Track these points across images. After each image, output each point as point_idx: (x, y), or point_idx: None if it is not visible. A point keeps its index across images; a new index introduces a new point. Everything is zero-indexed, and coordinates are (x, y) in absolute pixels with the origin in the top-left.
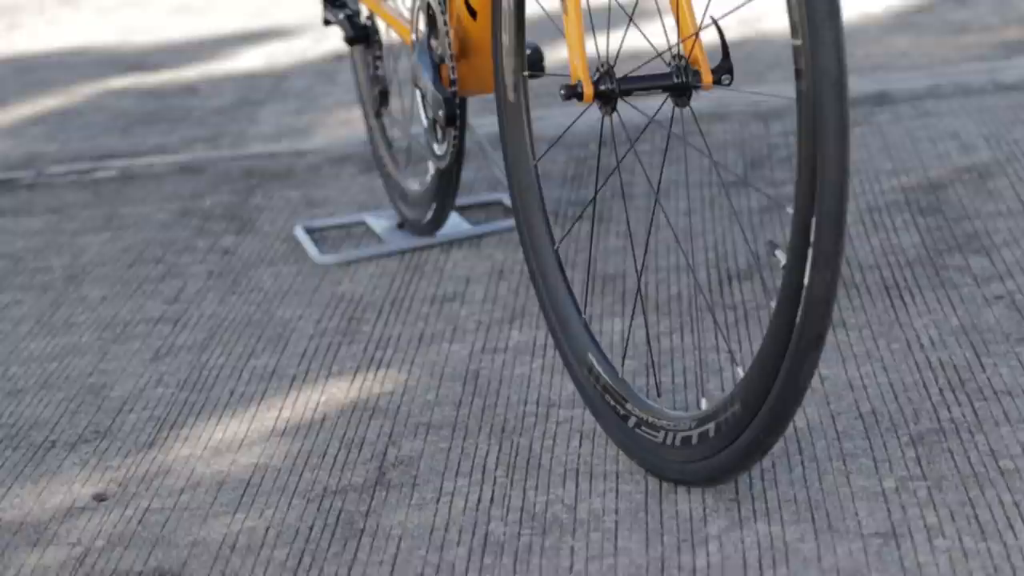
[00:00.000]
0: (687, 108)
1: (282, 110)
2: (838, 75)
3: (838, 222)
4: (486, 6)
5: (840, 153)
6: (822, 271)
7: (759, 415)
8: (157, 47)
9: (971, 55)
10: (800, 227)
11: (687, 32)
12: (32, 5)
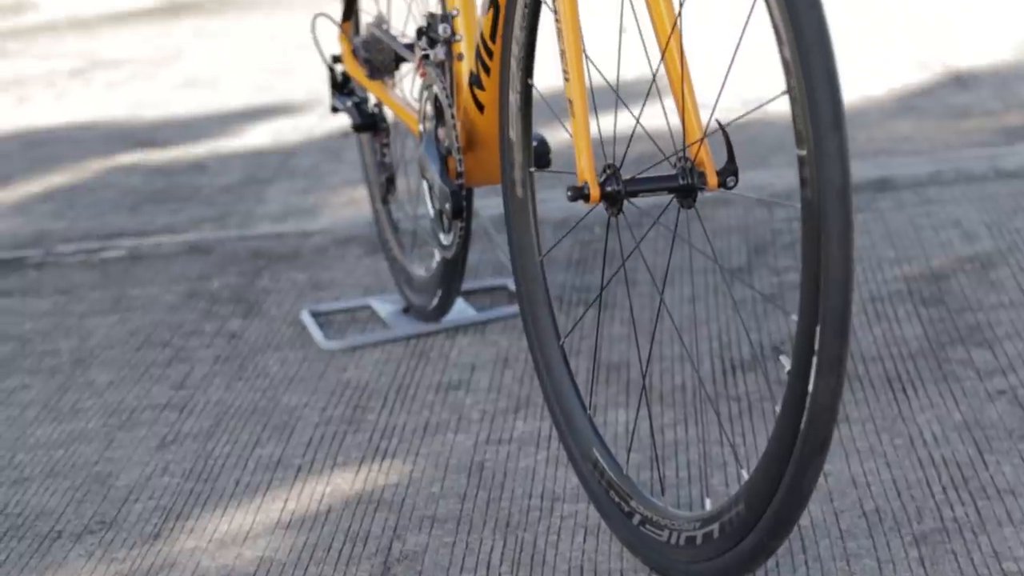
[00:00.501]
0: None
1: (289, 189)
2: (843, 186)
3: (842, 330)
4: (493, 101)
5: (844, 262)
6: (827, 378)
7: (763, 518)
8: (166, 122)
9: (973, 140)
10: (804, 334)
11: (693, 134)
12: (42, 78)
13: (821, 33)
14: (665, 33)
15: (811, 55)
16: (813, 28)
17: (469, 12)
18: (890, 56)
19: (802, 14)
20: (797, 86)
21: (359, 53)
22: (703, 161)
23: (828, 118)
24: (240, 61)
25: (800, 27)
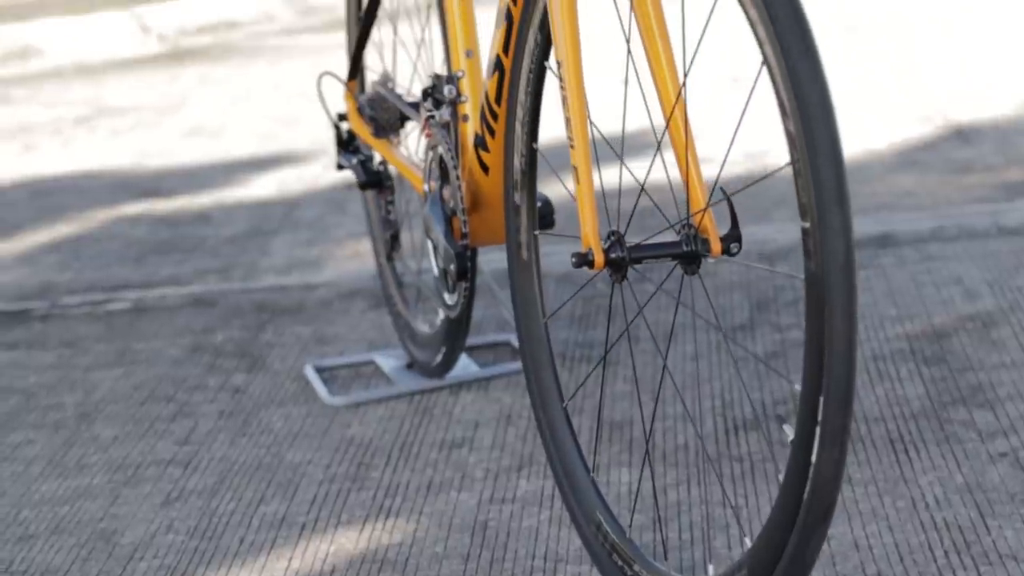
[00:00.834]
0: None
1: (293, 240)
2: (846, 260)
3: (846, 402)
4: (498, 163)
5: (848, 335)
6: (830, 450)
7: None
8: (170, 171)
9: (974, 196)
10: (808, 405)
11: (697, 202)
12: (48, 125)
13: (825, 108)
14: (669, 102)
15: (815, 130)
16: (817, 102)
17: (474, 73)
18: (892, 109)
19: (806, 88)
20: (801, 160)
21: (364, 111)
22: (707, 228)
23: (832, 193)
24: (245, 110)
25: (804, 101)
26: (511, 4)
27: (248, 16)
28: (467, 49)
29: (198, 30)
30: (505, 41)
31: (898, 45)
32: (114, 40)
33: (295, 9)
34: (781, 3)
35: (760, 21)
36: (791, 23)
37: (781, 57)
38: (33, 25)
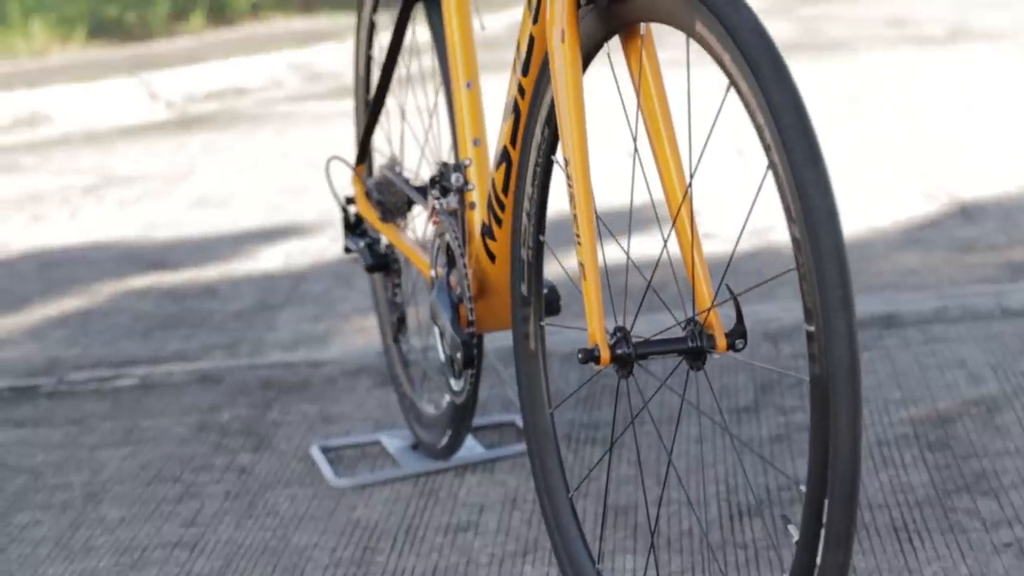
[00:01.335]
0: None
1: (300, 315)
2: (851, 363)
3: (851, 505)
4: (504, 252)
5: (852, 439)
6: (834, 552)
7: None
8: (178, 243)
9: (978, 276)
10: (812, 506)
11: (702, 300)
12: (56, 194)
13: (830, 215)
14: (676, 201)
15: (820, 237)
16: (822, 210)
17: (482, 162)
18: (896, 186)
19: (812, 196)
20: (806, 264)
21: (372, 195)
22: (712, 324)
23: (837, 298)
24: (252, 179)
25: (810, 209)
26: (518, 97)
27: (255, 83)
28: (475, 138)
29: (206, 96)
30: (512, 133)
31: (901, 117)
32: (122, 107)
33: (302, 76)
34: (787, 110)
35: (766, 126)
36: (797, 130)
37: (787, 164)
38: (42, 92)
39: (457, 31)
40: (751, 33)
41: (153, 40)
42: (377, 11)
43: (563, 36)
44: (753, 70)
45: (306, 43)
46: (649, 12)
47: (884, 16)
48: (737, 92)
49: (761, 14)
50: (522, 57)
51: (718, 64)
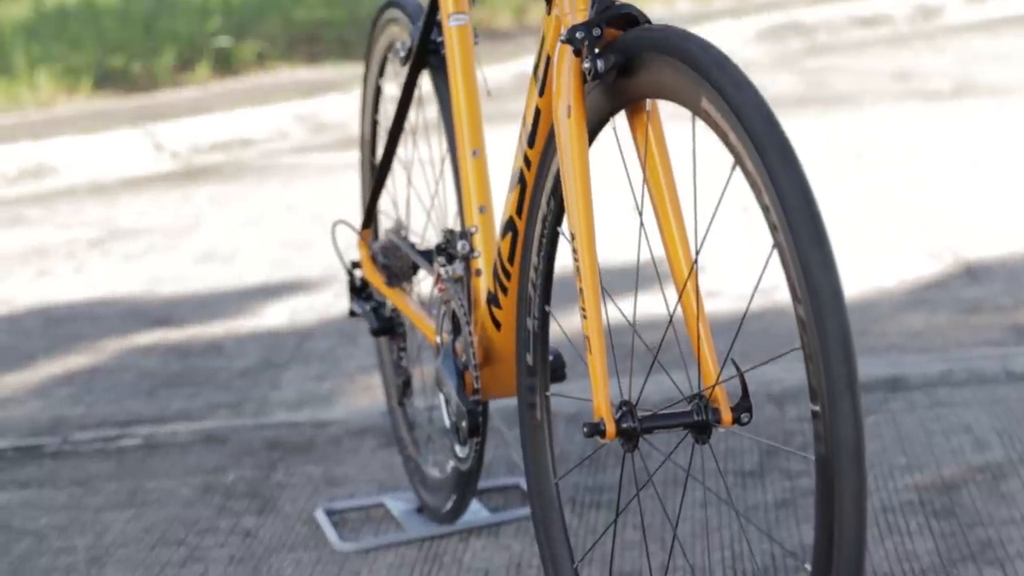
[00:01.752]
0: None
1: (305, 374)
2: (856, 444)
3: None
4: (510, 320)
5: (858, 520)
6: None
7: None
8: (183, 298)
9: (983, 338)
10: None
11: (708, 374)
12: (62, 247)
13: (835, 296)
14: (682, 276)
15: (826, 318)
16: (828, 291)
17: (487, 229)
18: (901, 244)
19: (817, 277)
20: (811, 345)
21: (377, 259)
22: (718, 398)
23: (842, 379)
24: (257, 233)
25: (815, 290)
26: (524, 168)
27: (261, 134)
28: (480, 205)
29: (211, 147)
30: (518, 204)
31: (906, 173)
32: (128, 158)
33: (307, 127)
34: (793, 191)
35: (772, 207)
36: (802, 212)
37: (793, 245)
38: (47, 143)
39: (463, 99)
40: (756, 112)
41: (159, 90)
42: (383, 76)
43: (569, 111)
44: (759, 150)
45: (311, 93)
46: (654, 88)
47: (890, 69)
48: (742, 170)
49: (766, 66)
50: (528, 128)
51: (723, 142)
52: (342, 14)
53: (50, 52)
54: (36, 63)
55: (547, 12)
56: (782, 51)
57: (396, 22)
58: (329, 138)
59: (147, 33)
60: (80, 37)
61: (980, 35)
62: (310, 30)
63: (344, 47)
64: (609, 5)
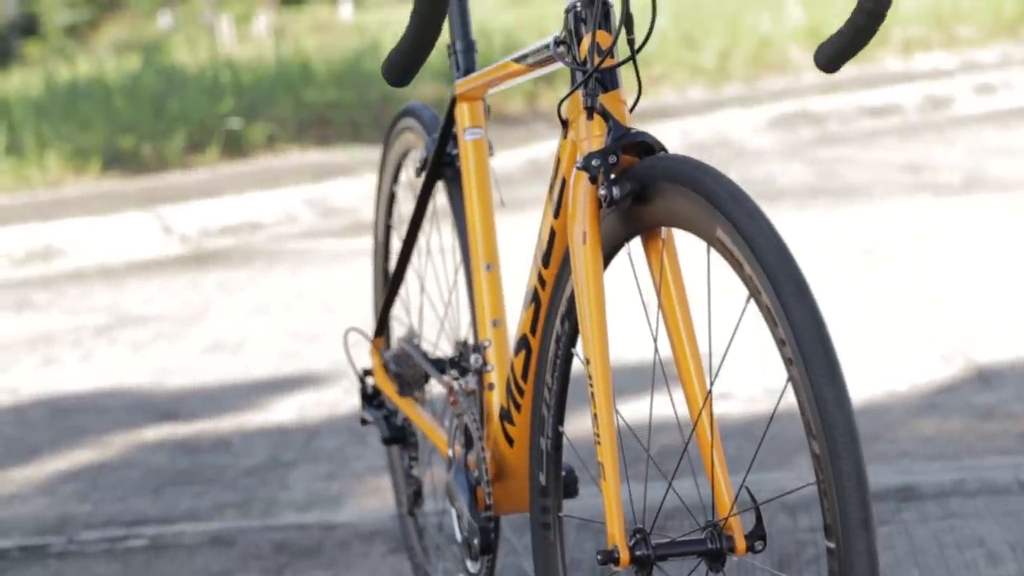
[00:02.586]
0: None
1: (313, 474)
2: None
3: None
4: (523, 437)
5: None
6: None
7: None
8: (191, 391)
9: (995, 446)
10: None
11: (722, 503)
12: (69, 335)
13: (850, 433)
14: (696, 405)
15: (840, 455)
16: (842, 428)
17: (501, 343)
18: (912, 345)
19: (832, 413)
20: (827, 482)
21: (390, 367)
22: (732, 526)
23: (857, 517)
24: (266, 323)
25: (830, 426)
26: (539, 287)
27: (270, 217)
28: (494, 319)
29: (220, 231)
30: (532, 323)
31: (917, 271)
32: (136, 241)
33: (316, 211)
34: (807, 327)
35: (787, 342)
36: (817, 348)
37: (807, 381)
38: (56, 225)
39: (478, 213)
40: (771, 246)
41: (168, 172)
42: (397, 182)
43: (585, 237)
44: (773, 284)
45: (321, 177)
46: (669, 217)
47: (900, 161)
48: (756, 303)
49: (777, 155)
50: (543, 248)
51: (737, 273)
52: (352, 96)
53: (60, 132)
54: (46, 143)
55: (563, 136)
56: (793, 140)
57: (411, 131)
58: (338, 223)
59: (157, 114)
60: (90, 117)
61: (990, 127)
62: (320, 111)
63: (354, 129)
64: (625, 132)
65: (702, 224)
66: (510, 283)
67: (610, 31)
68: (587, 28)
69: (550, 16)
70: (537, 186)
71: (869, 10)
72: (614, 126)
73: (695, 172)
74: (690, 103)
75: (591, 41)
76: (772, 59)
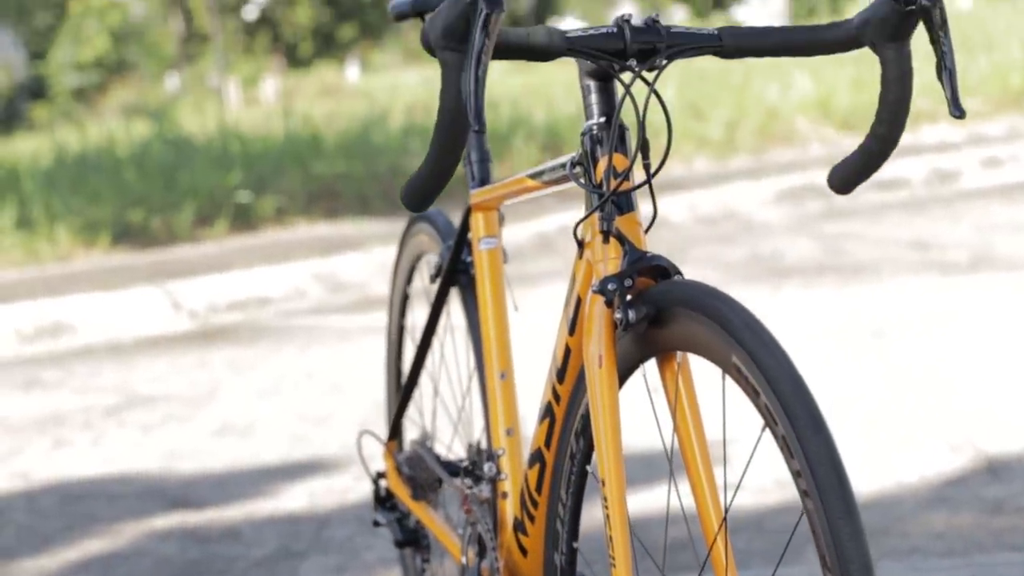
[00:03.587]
0: None
1: (323, 565)
2: None
3: None
4: (537, 549)
5: None
6: None
7: None
8: (201, 476)
9: (1006, 543)
10: None
11: None
12: (79, 415)
13: (865, 568)
14: (712, 529)
15: None
16: (858, 563)
17: (515, 452)
18: (922, 436)
19: (847, 546)
20: None
21: (403, 470)
22: None
23: None
24: (275, 405)
25: (845, 560)
26: (553, 402)
27: (278, 292)
28: (508, 428)
29: (228, 306)
30: (547, 437)
31: (926, 353)
32: (145, 317)
33: (325, 286)
34: (823, 462)
35: (803, 475)
36: (833, 483)
37: (823, 515)
38: (65, 300)
39: (492, 322)
40: (786, 377)
41: (177, 245)
42: (411, 283)
43: (601, 361)
44: (788, 415)
45: (330, 251)
46: (685, 342)
47: (908, 237)
48: (771, 433)
49: (785, 229)
50: (558, 363)
51: (752, 402)
52: (361, 168)
53: (70, 205)
54: (56, 216)
55: (579, 255)
56: (800, 214)
57: (425, 235)
58: (347, 298)
59: (167, 186)
60: (100, 189)
61: (997, 201)
62: (329, 183)
63: (363, 202)
64: (641, 256)
65: (718, 351)
66: (517, 343)
67: (626, 154)
68: (603, 151)
69: (557, 83)
70: (545, 260)
71: (882, 136)
72: (630, 249)
73: (711, 299)
74: (697, 175)
75: (607, 164)
76: (779, 131)
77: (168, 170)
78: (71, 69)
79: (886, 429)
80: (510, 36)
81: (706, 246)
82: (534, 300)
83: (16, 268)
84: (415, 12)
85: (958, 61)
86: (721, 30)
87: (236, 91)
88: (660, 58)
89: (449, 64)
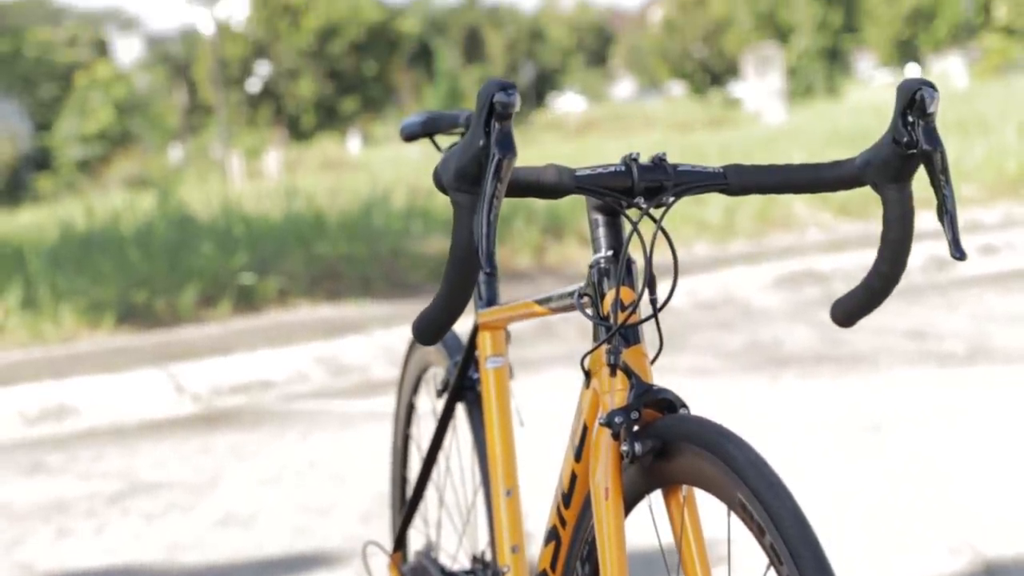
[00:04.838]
0: None
1: None
2: None
3: None
4: None
5: None
6: None
7: None
8: (203, 569)
9: None
10: None
11: None
12: (82, 503)
13: None
14: None
15: None
16: None
17: (520, 569)
18: (920, 537)
19: None
20: None
21: None
22: None
23: None
24: (277, 494)
25: None
26: (559, 526)
27: (281, 376)
28: (513, 545)
29: (231, 390)
30: (552, 559)
31: (922, 450)
32: (149, 399)
33: (327, 369)
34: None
35: None
36: None
37: None
38: (68, 383)
39: (498, 440)
40: (791, 518)
41: (180, 326)
42: (416, 394)
43: (607, 493)
44: (793, 557)
45: (332, 334)
46: (690, 477)
47: (905, 327)
48: (776, 573)
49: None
50: (563, 488)
51: (757, 540)
52: (363, 249)
53: (74, 285)
54: (60, 296)
55: (585, 385)
56: (798, 300)
57: (432, 348)
58: (349, 382)
59: (171, 266)
60: (104, 269)
61: (993, 290)
62: (331, 264)
63: (365, 284)
64: (647, 389)
65: (723, 488)
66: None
67: (633, 287)
68: (611, 283)
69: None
70: (545, 345)
71: (884, 274)
72: (636, 382)
73: (717, 437)
74: (696, 260)
75: (615, 297)
76: (777, 216)
77: (172, 250)
78: (76, 141)
79: (884, 529)
80: (521, 175)
81: (705, 332)
82: (535, 385)
83: (22, 349)
84: (425, 133)
85: (953, 146)
86: (726, 168)
87: (239, 163)
88: (667, 196)
89: (462, 206)
